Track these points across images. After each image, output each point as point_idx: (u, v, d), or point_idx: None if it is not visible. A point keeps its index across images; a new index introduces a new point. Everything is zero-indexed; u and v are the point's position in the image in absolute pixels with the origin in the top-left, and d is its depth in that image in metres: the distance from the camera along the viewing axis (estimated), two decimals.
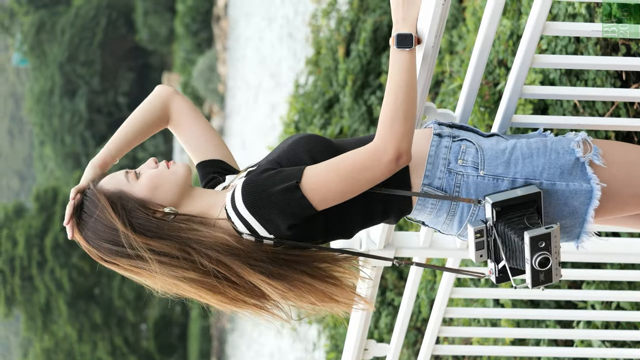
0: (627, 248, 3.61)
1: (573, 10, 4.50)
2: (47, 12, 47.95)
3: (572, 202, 2.55)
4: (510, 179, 2.55)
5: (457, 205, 2.58)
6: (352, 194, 2.48)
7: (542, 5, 2.68)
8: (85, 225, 2.52)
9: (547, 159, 2.57)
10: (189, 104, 2.85)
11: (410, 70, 2.48)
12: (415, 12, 2.51)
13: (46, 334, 37.95)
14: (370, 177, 2.46)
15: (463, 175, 2.56)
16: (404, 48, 2.47)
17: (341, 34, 9.71)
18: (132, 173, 2.59)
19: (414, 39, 2.47)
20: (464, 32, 6.48)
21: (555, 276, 2.48)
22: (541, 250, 2.43)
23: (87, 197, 2.54)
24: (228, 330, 28.84)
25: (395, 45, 2.48)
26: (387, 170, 2.44)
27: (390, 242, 3.35)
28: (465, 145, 2.60)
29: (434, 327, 3.93)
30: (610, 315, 4.18)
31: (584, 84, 4.68)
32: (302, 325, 10.05)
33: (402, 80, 2.46)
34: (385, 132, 2.44)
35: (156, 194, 2.54)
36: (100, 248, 2.51)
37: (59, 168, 47.30)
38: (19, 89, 62.45)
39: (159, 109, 2.80)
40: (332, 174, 2.44)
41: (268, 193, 2.43)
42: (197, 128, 2.84)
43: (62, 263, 35.54)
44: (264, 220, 2.46)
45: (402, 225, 6.81)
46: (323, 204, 2.46)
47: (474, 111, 5.25)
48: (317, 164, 2.48)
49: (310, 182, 2.43)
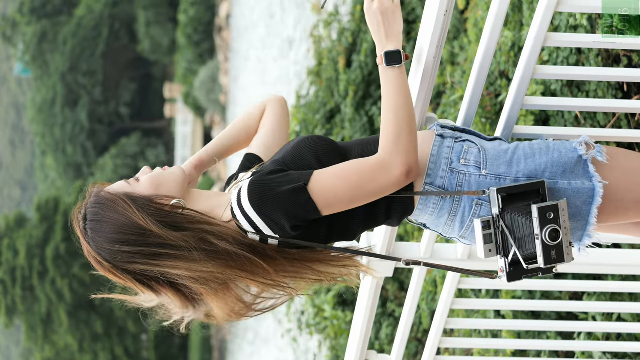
0: (628, 259, 3.60)
1: (575, 21, 4.50)
2: (49, 22, 48.10)
3: (574, 201, 2.54)
4: (512, 178, 2.55)
5: (459, 205, 2.58)
6: (358, 203, 2.48)
7: (544, 17, 2.68)
8: (96, 234, 2.49)
9: (550, 158, 2.57)
10: (279, 111, 2.92)
11: (405, 86, 2.49)
12: (397, 28, 2.52)
13: (47, 344, 37.97)
14: (379, 189, 2.46)
15: (465, 175, 2.56)
16: (394, 65, 2.48)
17: (343, 45, 9.73)
18: (132, 179, 2.59)
19: (402, 54, 2.48)
20: (466, 43, 6.49)
21: (567, 255, 2.47)
22: (550, 222, 2.42)
23: (93, 204, 2.52)
24: (229, 341, 28.83)
25: (384, 63, 2.48)
26: (397, 184, 2.45)
27: (392, 252, 3.35)
28: (467, 146, 2.61)
29: (435, 338, 3.93)
30: (611, 327, 4.17)
31: (585, 95, 4.68)
32: (303, 335, 10.04)
33: (400, 97, 2.47)
34: (392, 148, 2.44)
35: (160, 191, 2.54)
36: (114, 253, 2.48)
37: (61, 178, 47.38)
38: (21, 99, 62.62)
39: (255, 119, 2.92)
40: (341, 181, 2.45)
41: (274, 193, 2.44)
42: (269, 134, 2.89)
43: (63, 273, 35.57)
44: (268, 220, 2.46)
45: (403, 235, 6.81)
46: (328, 209, 2.46)
47: (475, 122, 5.26)
48: (325, 168, 2.48)
49: (318, 187, 2.43)
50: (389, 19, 2.50)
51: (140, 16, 43.34)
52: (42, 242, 36.05)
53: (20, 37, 50.84)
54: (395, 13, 2.51)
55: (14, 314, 38.06)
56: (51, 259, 35.24)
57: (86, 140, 45.78)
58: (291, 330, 10.08)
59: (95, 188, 2.57)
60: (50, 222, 36.22)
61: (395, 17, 2.50)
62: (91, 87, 45.81)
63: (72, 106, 46.06)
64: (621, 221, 2.66)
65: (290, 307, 9.71)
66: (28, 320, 37.89)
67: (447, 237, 2.75)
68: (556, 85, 4.81)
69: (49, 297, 36.27)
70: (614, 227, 2.87)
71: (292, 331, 10.09)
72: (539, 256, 2.46)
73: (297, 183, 2.43)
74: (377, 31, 2.51)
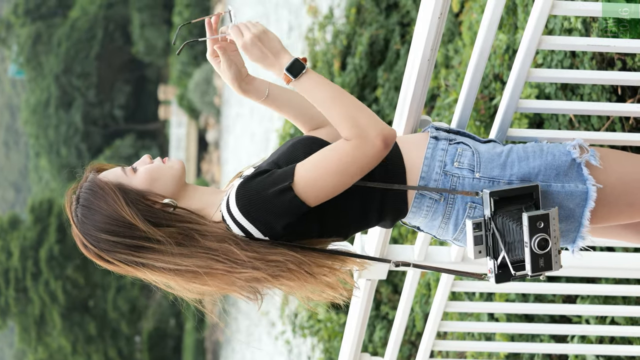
0: (622, 263, 3.61)
1: (569, 25, 4.50)
2: (43, 24, 48.04)
3: (567, 204, 2.54)
4: (506, 181, 2.55)
5: (453, 208, 2.58)
6: (345, 186, 2.47)
7: (538, 20, 2.68)
8: (84, 219, 2.51)
9: (544, 161, 2.57)
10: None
11: (325, 81, 2.48)
12: (277, 44, 2.50)
13: (40, 346, 37.91)
14: (363, 167, 2.45)
15: (459, 177, 2.56)
16: (302, 72, 2.47)
17: (337, 48, 9.74)
18: (129, 168, 2.59)
19: (300, 60, 2.47)
20: (460, 46, 6.49)
21: (555, 264, 2.48)
22: (540, 231, 2.43)
23: (86, 189, 2.54)
24: (222, 343, 28.82)
25: (293, 78, 2.47)
26: (380, 155, 2.44)
27: (385, 255, 3.34)
28: (461, 148, 2.61)
29: (429, 340, 3.93)
30: (604, 330, 4.17)
31: (579, 98, 4.69)
32: (296, 338, 10.03)
33: (330, 91, 2.46)
34: (356, 130, 2.41)
35: (154, 186, 2.54)
36: (99, 241, 2.50)
37: (55, 179, 47.32)
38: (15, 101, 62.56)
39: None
40: (322, 171, 2.43)
41: (261, 197, 2.44)
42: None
43: (56, 275, 35.52)
44: (258, 223, 2.46)
45: (397, 238, 6.81)
46: (316, 200, 2.46)
47: (469, 125, 5.26)
48: (306, 160, 2.47)
49: (302, 181, 2.43)
50: (265, 40, 2.49)
51: (134, 18, 43.31)
52: (35, 244, 36.00)
53: (14, 38, 50.78)
54: (266, 33, 2.50)
55: (7, 315, 38.00)
56: (45, 261, 35.18)
57: (80, 141, 45.74)
58: (285, 332, 10.08)
59: (92, 173, 2.59)
60: (44, 223, 36.16)
61: (269, 36, 2.50)
62: (85, 89, 45.76)
63: (66, 108, 46.02)
64: (613, 223, 2.67)
65: (284, 309, 9.71)
66: (21, 322, 37.83)
67: (441, 240, 2.75)
68: (550, 89, 4.82)
69: (43, 299, 36.21)
70: (603, 231, 2.88)
71: (285, 333, 10.10)
72: (527, 263, 2.48)
73: (283, 183, 2.43)
74: (264, 57, 2.50)
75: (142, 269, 2.53)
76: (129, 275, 2.59)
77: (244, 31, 2.51)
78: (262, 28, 2.50)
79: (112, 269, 2.57)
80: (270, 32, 2.51)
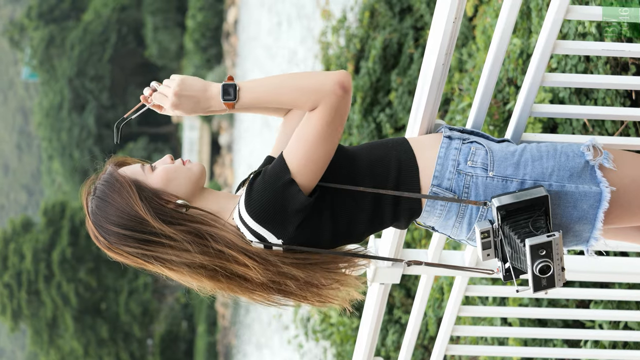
0: (636, 267, 3.60)
1: (583, 29, 4.50)
2: (56, 27, 48.13)
3: (581, 205, 2.54)
4: (519, 180, 2.55)
5: (466, 207, 2.58)
6: (334, 145, 2.48)
7: (553, 24, 2.68)
8: (98, 210, 2.56)
9: (557, 162, 2.57)
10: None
11: (258, 85, 2.49)
12: (199, 82, 2.51)
13: (52, 349, 37.96)
14: (339, 121, 2.46)
15: (472, 176, 2.56)
16: (237, 90, 2.47)
17: (351, 51, 9.74)
18: (148, 166, 2.64)
19: (226, 82, 2.49)
20: (474, 50, 6.49)
21: (558, 281, 2.48)
22: (542, 257, 2.42)
23: (103, 181, 2.59)
24: (234, 347, 28.82)
25: (235, 100, 2.48)
26: (347, 100, 2.44)
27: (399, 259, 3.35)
28: (475, 147, 2.61)
29: (442, 345, 3.93)
30: (618, 335, 4.16)
31: (593, 103, 4.68)
32: (309, 341, 10.04)
33: (270, 86, 2.48)
34: (313, 96, 2.42)
35: (169, 186, 2.58)
36: (110, 233, 2.55)
37: (67, 182, 47.40)
38: (28, 104, 62.71)
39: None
40: (308, 145, 2.45)
41: (268, 200, 2.46)
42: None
43: (69, 277, 35.59)
44: (271, 227, 2.48)
45: (410, 242, 6.81)
46: (316, 176, 2.48)
47: (483, 129, 5.25)
48: (287, 146, 2.49)
49: (295, 165, 2.45)
50: (188, 87, 2.51)
51: (147, 21, 43.35)
52: (48, 247, 36.06)
53: (27, 41, 50.90)
54: (184, 80, 2.52)
55: (20, 318, 38.06)
56: (57, 263, 35.25)
57: (93, 145, 45.76)
58: (297, 336, 10.08)
59: (111, 166, 2.65)
60: (56, 226, 36.23)
61: (189, 82, 2.51)
62: (98, 92, 45.81)
63: (79, 111, 46.08)
64: (626, 224, 2.67)
65: (297, 313, 9.71)
66: (33, 325, 37.89)
67: (455, 240, 2.75)
68: (564, 93, 4.81)
69: (55, 302, 36.27)
70: (616, 232, 2.88)
71: (298, 337, 10.10)
72: (529, 282, 2.48)
73: (281, 180, 2.45)
74: (197, 103, 2.51)
75: (152, 262, 2.57)
76: (140, 268, 2.63)
77: (164, 92, 2.54)
78: (177, 79, 2.52)
79: (122, 260, 2.61)
80: (187, 77, 2.53)
